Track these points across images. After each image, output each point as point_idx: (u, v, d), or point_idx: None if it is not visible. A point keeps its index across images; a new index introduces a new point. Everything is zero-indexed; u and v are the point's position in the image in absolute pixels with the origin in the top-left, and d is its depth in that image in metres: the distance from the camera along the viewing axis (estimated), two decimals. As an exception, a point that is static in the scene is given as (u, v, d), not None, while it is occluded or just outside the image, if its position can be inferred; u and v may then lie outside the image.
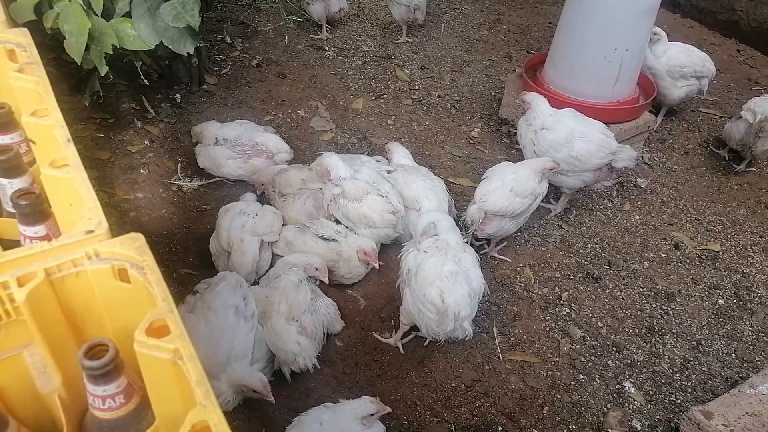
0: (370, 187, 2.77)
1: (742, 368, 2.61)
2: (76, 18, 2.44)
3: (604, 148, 2.97)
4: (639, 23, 3.30)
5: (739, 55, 5.10)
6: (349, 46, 4.70)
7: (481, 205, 2.76)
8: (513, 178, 2.78)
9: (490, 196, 2.75)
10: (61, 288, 1.07)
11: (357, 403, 2.00)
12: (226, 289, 2.36)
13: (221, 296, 2.31)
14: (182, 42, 2.70)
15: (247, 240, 2.63)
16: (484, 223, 2.81)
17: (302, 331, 2.33)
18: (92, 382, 1.04)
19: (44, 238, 1.31)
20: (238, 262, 2.61)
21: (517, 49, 4.91)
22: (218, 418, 0.86)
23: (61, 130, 1.31)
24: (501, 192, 2.75)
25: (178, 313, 1.00)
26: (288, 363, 2.31)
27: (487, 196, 2.75)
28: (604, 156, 2.97)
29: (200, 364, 0.93)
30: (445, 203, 2.92)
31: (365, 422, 1.94)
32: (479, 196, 2.78)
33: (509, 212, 2.77)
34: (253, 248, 2.63)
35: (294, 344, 2.29)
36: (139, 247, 1.09)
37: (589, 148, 2.95)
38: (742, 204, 3.52)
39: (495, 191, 2.76)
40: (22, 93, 1.48)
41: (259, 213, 2.76)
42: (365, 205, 2.74)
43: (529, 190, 2.78)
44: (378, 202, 2.76)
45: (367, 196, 2.74)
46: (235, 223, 2.68)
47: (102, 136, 3.46)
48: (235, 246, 2.62)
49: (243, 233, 2.64)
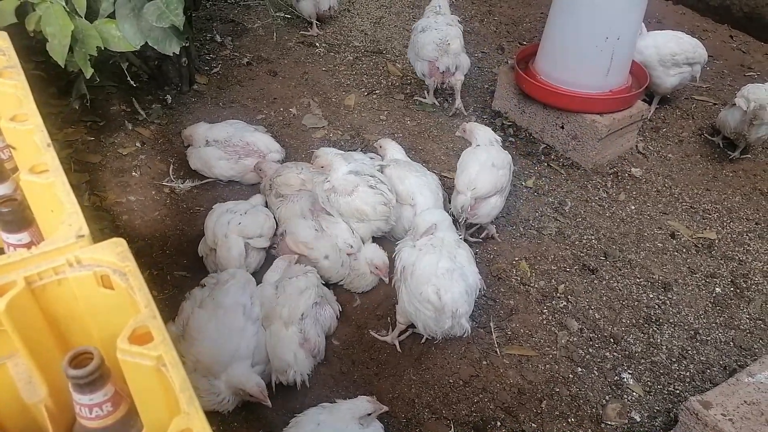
0: (359, 179, 2.75)
1: (740, 356, 2.60)
2: (59, 20, 2.41)
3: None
4: (630, 11, 3.27)
5: (732, 41, 5.07)
6: (339, 42, 4.67)
7: (473, 193, 2.76)
8: (487, 156, 2.84)
9: (478, 182, 2.77)
10: (43, 296, 1.05)
11: (354, 403, 1.99)
12: (235, 287, 2.33)
13: (231, 294, 2.29)
14: (167, 42, 2.67)
15: (231, 237, 2.58)
16: (474, 208, 2.81)
17: (303, 342, 2.29)
18: (78, 391, 1.02)
19: (28, 245, 1.29)
20: (224, 258, 2.56)
21: (509, 40, 4.88)
22: (201, 426, 0.84)
23: (41, 135, 1.29)
24: (486, 173, 2.79)
25: (161, 319, 0.98)
26: (278, 372, 2.26)
27: (475, 183, 2.76)
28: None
29: (183, 371, 0.91)
30: (440, 200, 2.91)
31: (363, 422, 1.93)
32: (467, 186, 2.77)
33: (498, 188, 2.82)
34: (239, 244, 2.58)
35: (290, 354, 2.25)
36: (121, 252, 1.07)
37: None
38: (738, 191, 3.51)
39: (480, 175, 2.78)
40: (1, 98, 1.46)
41: (249, 212, 2.71)
42: (357, 198, 2.72)
43: (507, 160, 2.90)
44: (369, 194, 2.73)
45: (357, 189, 2.72)
46: (221, 220, 2.65)
47: (93, 140, 3.44)
48: (220, 242, 2.58)
49: (228, 230, 2.59)
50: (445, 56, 3.60)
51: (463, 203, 2.77)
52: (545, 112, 3.67)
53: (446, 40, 3.57)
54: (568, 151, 3.64)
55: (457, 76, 3.61)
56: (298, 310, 2.32)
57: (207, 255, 2.69)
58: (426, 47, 3.62)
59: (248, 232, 2.64)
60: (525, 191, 3.41)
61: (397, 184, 2.88)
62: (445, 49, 3.57)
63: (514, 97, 3.85)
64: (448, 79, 3.71)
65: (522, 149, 3.72)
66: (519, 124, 3.88)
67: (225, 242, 2.58)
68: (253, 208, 2.77)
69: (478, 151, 2.89)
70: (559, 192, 3.43)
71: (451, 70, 3.66)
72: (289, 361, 2.24)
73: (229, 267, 2.52)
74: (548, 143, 3.73)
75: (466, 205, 2.76)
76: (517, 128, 3.87)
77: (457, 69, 3.65)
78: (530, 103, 3.73)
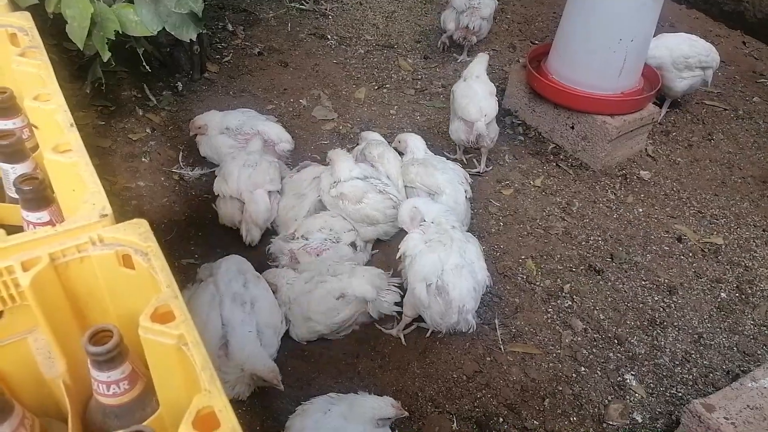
0: (367, 186, 2.77)
1: (743, 362, 2.61)
2: (79, 3, 2.41)
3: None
4: (644, 13, 3.27)
5: (745, 47, 5.06)
6: (351, 35, 4.66)
7: (486, 119, 3.17)
8: (482, 87, 3.25)
9: (487, 109, 3.18)
10: (65, 273, 1.07)
11: (377, 403, 1.95)
12: (228, 274, 2.35)
13: (227, 285, 2.31)
14: (185, 28, 2.67)
15: (256, 192, 2.80)
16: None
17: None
18: (96, 367, 1.04)
19: (47, 223, 1.30)
20: (254, 212, 2.78)
21: (520, 39, 4.88)
22: (223, 404, 0.85)
23: (64, 115, 1.30)
24: (490, 100, 3.23)
25: (182, 299, 1.00)
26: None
27: (486, 110, 3.17)
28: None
29: (204, 350, 0.92)
30: (462, 195, 2.87)
31: (380, 423, 1.91)
32: (480, 113, 3.16)
33: (497, 112, 3.29)
34: (264, 198, 2.81)
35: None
36: (144, 233, 1.09)
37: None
38: (746, 197, 3.51)
39: (485, 102, 3.18)
40: (24, 77, 1.47)
41: (258, 162, 2.89)
42: (367, 206, 2.74)
43: (493, 89, 3.31)
44: (378, 200, 2.76)
45: (366, 196, 2.74)
46: (242, 175, 2.81)
47: (103, 124, 3.45)
48: (247, 198, 2.78)
49: (249, 184, 2.80)
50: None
51: (481, 129, 3.17)
52: (555, 112, 3.68)
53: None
54: (578, 151, 3.64)
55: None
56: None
57: (226, 198, 2.84)
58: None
59: (259, 181, 2.84)
60: (533, 190, 3.42)
61: (425, 178, 2.89)
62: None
63: (524, 96, 3.85)
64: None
65: (531, 148, 3.72)
66: (529, 123, 3.88)
67: (251, 197, 2.78)
68: (261, 158, 2.94)
69: (474, 84, 3.26)
70: (567, 192, 3.43)
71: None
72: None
73: (260, 220, 2.78)
74: (558, 143, 3.73)
75: (483, 130, 3.17)
76: (526, 127, 3.87)
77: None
78: (541, 102, 3.73)
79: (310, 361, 2.43)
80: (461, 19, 4.13)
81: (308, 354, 2.45)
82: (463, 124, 3.25)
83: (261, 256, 2.77)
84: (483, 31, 4.27)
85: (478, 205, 3.25)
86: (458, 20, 4.18)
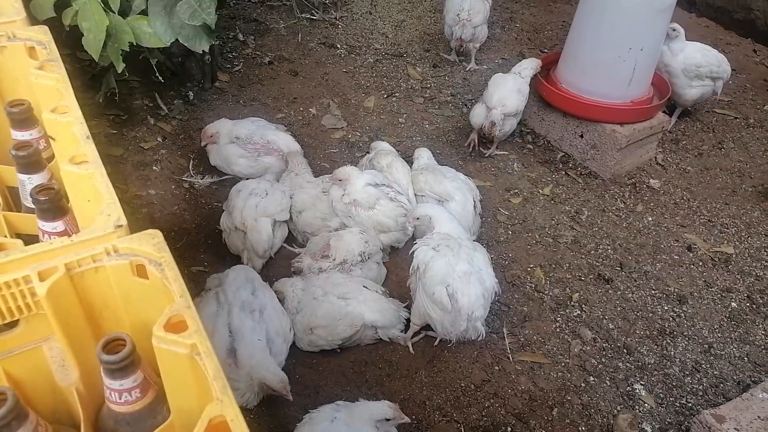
0: (379, 192, 2.78)
1: (754, 372, 2.59)
2: (95, 15, 2.47)
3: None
4: (654, 23, 3.27)
5: (756, 56, 5.04)
6: (360, 44, 4.70)
7: (502, 109, 3.33)
8: (513, 83, 3.42)
9: (507, 100, 3.36)
10: (81, 283, 1.09)
11: (374, 405, 1.98)
12: (236, 283, 2.37)
13: (235, 294, 2.33)
14: (198, 40, 2.72)
15: (261, 221, 2.76)
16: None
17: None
18: (109, 376, 1.05)
19: (62, 233, 1.33)
20: (255, 241, 2.74)
21: (530, 47, 4.89)
22: (235, 413, 0.87)
23: (81, 127, 1.33)
24: (514, 95, 3.39)
25: (195, 309, 1.01)
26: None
27: (505, 100, 3.35)
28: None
29: (217, 360, 0.94)
30: (470, 203, 2.89)
31: (379, 426, 1.93)
32: (499, 102, 3.34)
33: (519, 110, 3.43)
34: (267, 227, 2.77)
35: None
36: (157, 243, 1.11)
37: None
38: (757, 206, 3.49)
39: (509, 95, 3.36)
40: (42, 90, 1.50)
41: (268, 191, 2.86)
42: (379, 213, 2.77)
43: (526, 91, 3.47)
44: (390, 208, 2.78)
45: (379, 202, 2.76)
46: (248, 203, 2.78)
47: (115, 133, 3.50)
48: (250, 226, 2.74)
49: (255, 213, 2.76)
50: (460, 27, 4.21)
51: (495, 117, 3.33)
52: (565, 120, 3.68)
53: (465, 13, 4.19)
54: (587, 160, 3.64)
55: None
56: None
57: (231, 232, 2.81)
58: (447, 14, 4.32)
59: (271, 211, 2.82)
60: (542, 199, 3.42)
61: (434, 186, 2.91)
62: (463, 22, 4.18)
63: (533, 104, 3.85)
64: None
65: (540, 157, 3.73)
66: (538, 132, 3.88)
67: (255, 226, 2.74)
68: (271, 187, 2.91)
69: (509, 78, 3.46)
70: (576, 201, 3.43)
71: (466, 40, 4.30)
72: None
73: (259, 249, 2.72)
74: (567, 151, 3.74)
75: (498, 119, 3.32)
76: (535, 135, 3.87)
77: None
78: (550, 110, 3.74)
79: (317, 369, 2.44)
80: (455, 31, 4.29)
81: (316, 362, 2.46)
82: (484, 109, 3.48)
83: (268, 268, 2.82)
84: (479, 36, 4.38)
85: (486, 213, 3.25)
86: (451, 33, 4.34)
